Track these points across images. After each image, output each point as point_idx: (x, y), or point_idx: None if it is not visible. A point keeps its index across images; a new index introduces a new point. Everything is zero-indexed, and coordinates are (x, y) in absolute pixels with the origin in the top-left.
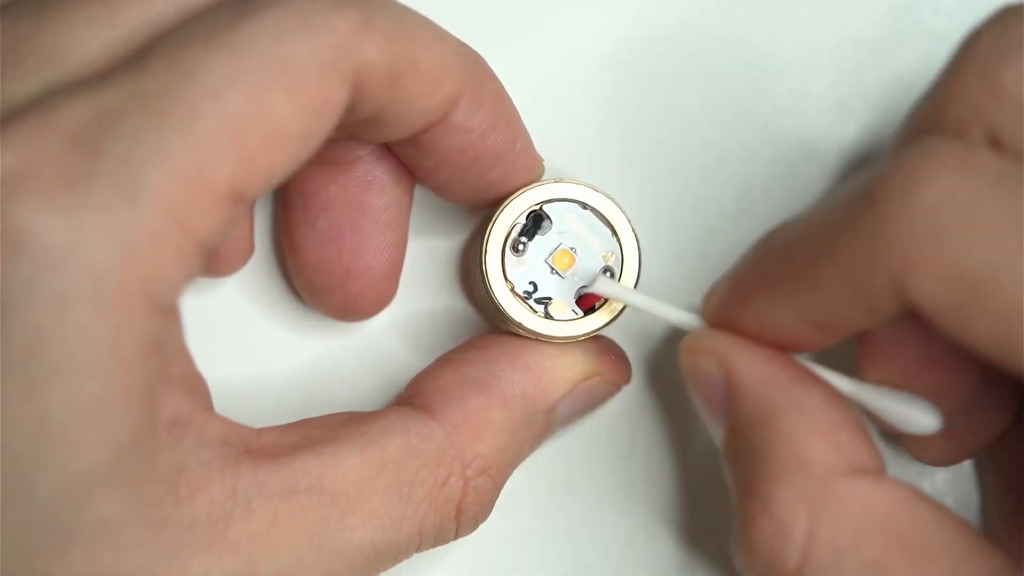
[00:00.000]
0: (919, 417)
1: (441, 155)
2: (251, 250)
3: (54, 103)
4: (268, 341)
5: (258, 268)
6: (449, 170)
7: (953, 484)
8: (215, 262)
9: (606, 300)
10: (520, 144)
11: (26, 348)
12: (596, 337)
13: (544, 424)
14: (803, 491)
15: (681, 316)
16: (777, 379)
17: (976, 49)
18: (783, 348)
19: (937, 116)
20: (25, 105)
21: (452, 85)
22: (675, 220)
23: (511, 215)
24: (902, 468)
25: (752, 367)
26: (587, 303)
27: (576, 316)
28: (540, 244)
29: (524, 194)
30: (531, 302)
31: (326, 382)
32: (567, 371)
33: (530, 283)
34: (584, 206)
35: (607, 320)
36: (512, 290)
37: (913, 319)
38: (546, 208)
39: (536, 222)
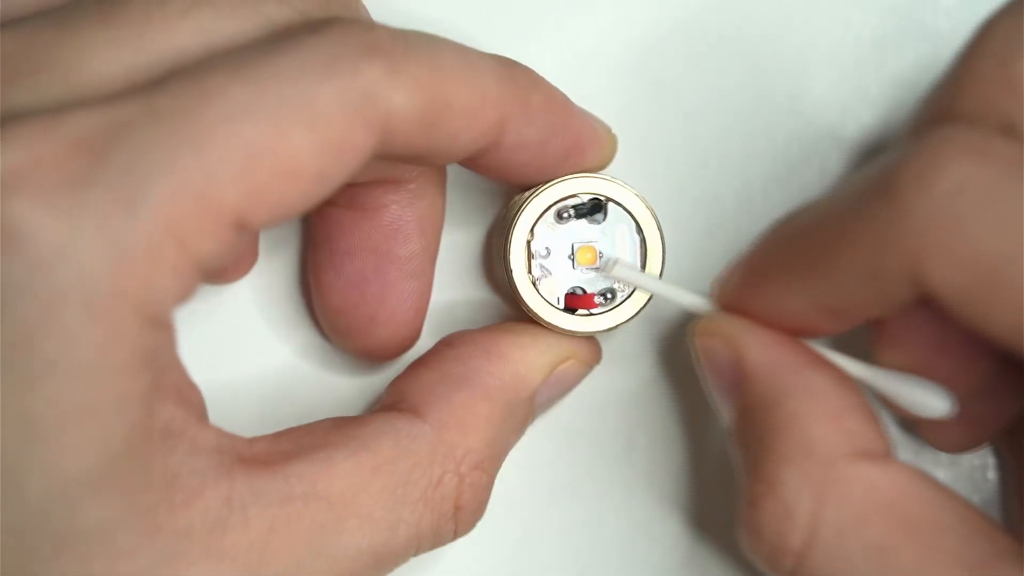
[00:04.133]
0: (931, 401)
1: (504, 171)
2: (253, 262)
3: (64, 110)
4: (282, 338)
5: (273, 268)
6: (515, 178)
7: (954, 480)
8: (215, 273)
9: (589, 312)
10: (585, 137)
11: (15, 346)
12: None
13: (526, 412)
14: (808, 474)
15: (694, 300)
16: (786, 362)
17: (990, 40)
18: (795, 333)
19: (951, 106)
20: (33, 112)
21: (494, 113)
22: (674, 219)
23: (577, 186)
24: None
25: (761, 350)
26: (571, 301)
27: (555, 306)
28: (581, 228)
29: (608, 182)
30: (535, 262)
31: (342, 374)
32: (542, 357)
33: (546, 248)
34: (639, 231)
35: (587, 329)
36: (528, 242)
37: (926, 305)
38: (611, 205)
39: (594, 209)
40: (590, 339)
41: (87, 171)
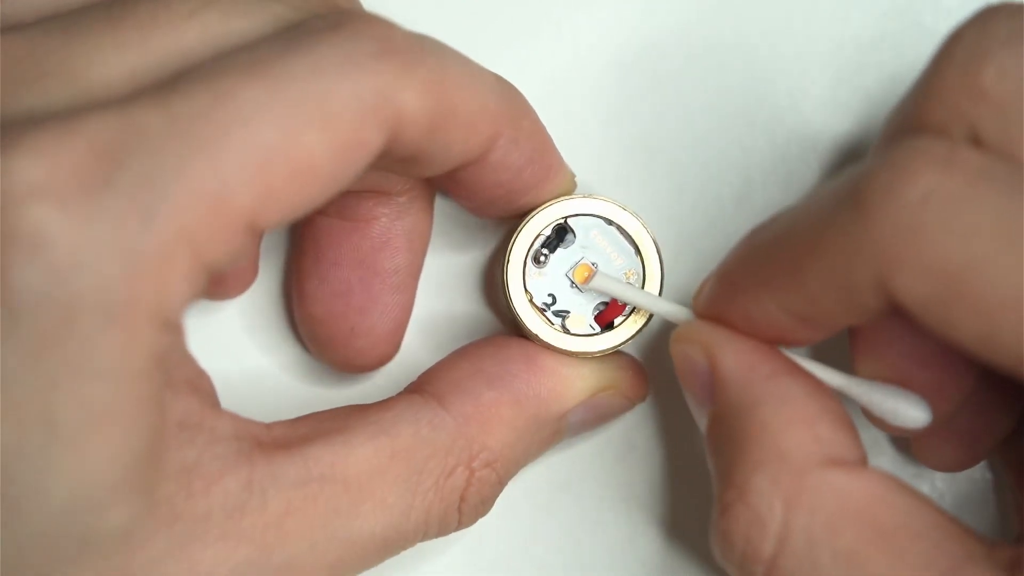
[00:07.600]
0: (908, 410)
1: (477, 188)
2: (254, 278)
3: (80, 114)
4: (280, 346)
5: (273, 279)
6: (484, 199)
7: (951, 482)
8: (218, 287)
9: (625, 319)
10: (554, 170)
11: (35, 350)
12: (615, 352)
13: (554, 429)
14: (779, 481)
15: (671, 309)
16: (760, 369)
17: (956, 49)
18: (770, 342)
19: (919, 116)
20: (45, 117)
21: (490, 127)
22: (673, 219)
23: (536, 227)
24: (900, 470)
25: (736, 357)
26: (605, 319)
27: (593, 332)
28: (562, 257)
29: (551, 207)
30: (549, 314)
31: (347, 385)
32: (583, 380)
33: (549, 295)
34: (609, 222)
35: (624, 338)
36: (531, 301)
37: (901, 315)
38: (571, 222)
39: (560, 235)
40: (638, 373)
41: (103, 177)
